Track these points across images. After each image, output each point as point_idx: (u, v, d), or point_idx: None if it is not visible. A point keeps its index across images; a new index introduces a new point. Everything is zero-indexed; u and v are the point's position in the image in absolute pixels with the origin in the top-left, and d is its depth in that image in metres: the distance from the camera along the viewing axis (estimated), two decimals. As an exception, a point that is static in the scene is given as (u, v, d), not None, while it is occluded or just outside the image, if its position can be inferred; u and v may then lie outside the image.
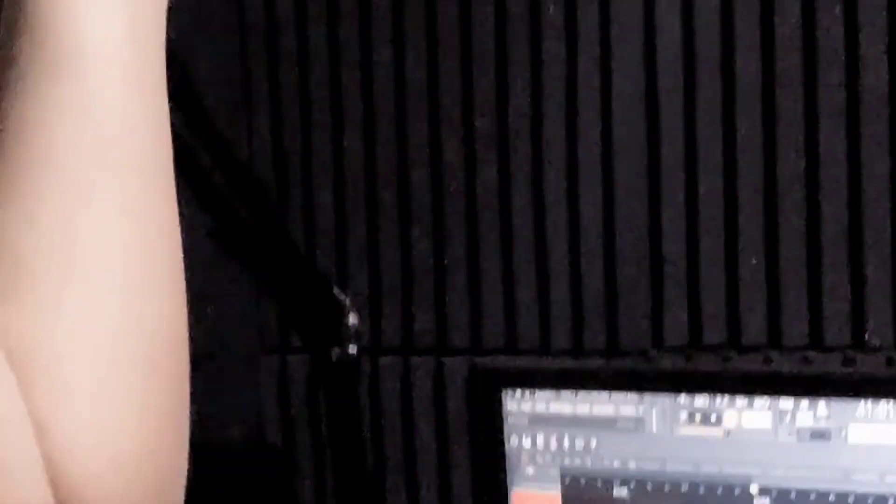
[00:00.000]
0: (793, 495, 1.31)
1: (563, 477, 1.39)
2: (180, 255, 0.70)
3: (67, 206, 0.68)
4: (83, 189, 0.69)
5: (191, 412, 0.66)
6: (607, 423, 1.35)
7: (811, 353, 1.41)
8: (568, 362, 1.52)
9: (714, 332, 1.49)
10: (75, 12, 0.70)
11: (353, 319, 1.50)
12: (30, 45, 0.70)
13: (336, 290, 1.50)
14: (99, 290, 0.67)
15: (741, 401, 1.32)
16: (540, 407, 1.38)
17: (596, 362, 1.50)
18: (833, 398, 1.27)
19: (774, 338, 1.46)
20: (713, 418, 1.32)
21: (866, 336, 1.44)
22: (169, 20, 0.73)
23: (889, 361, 1.33)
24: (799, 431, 1.28)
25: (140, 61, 0.72)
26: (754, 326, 1.49)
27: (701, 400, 1.33)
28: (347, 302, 1.50)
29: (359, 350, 1.50)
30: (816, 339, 1.46)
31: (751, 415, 1.31)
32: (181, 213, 0.70)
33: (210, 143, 1.36)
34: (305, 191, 1.68)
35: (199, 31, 1.63)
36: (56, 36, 0.70)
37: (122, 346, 0.66)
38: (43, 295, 0.65)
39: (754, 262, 1.48)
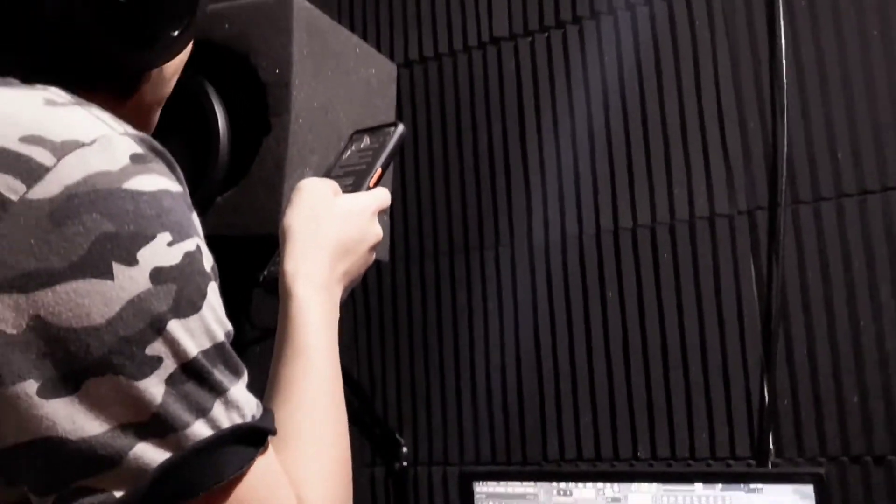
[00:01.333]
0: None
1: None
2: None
3: (305, 419, 0.78)
4: (324, 399, 0.79)
5: None
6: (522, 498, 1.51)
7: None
8: (503, 468, 1.71)
9: (588, 450, 1.70)
10: (306, 328, 0.83)
11: (404, 450, 1.79)
12: (292, 349, 0.82)
13: (397, 436, 1.80)
14: (322, 448, 0.77)
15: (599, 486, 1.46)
16: (490, 490, 1.53)
17: (533, 468, 1.70)
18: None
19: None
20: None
21: (639, 451, 1.65)
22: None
23: (649, 464, 1.63)
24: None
25: (334, 347, 0.85)
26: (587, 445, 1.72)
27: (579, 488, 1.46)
28: (402, 442, 1.80)
29: (407, 464, 1.78)
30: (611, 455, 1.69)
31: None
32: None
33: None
34: (383, 394, 1.91)
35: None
36: (298, 338, 0.83)
37: (332, 479, 0.77)
38: (295, 454, 0.75)
39: (586, 418, 1.72)
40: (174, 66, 0.83)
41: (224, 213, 1.25)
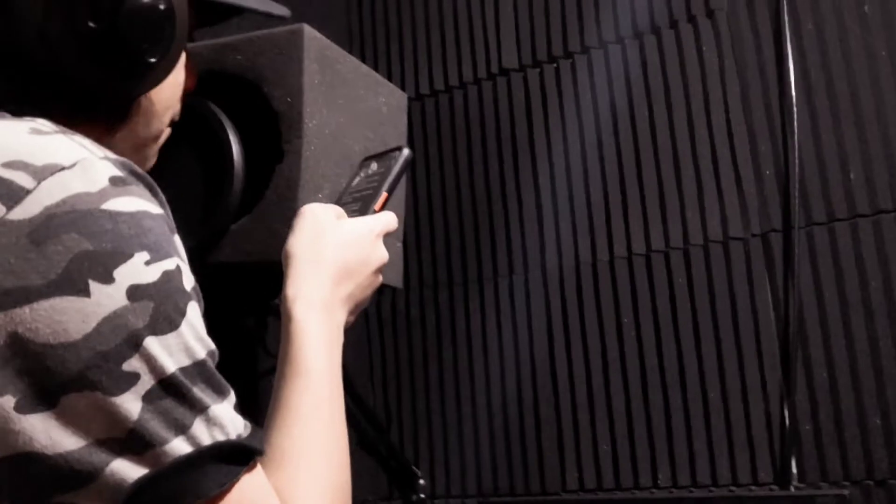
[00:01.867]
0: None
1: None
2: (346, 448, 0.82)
3: (300, 439, 0.78)
4: (321, 419, 0.80)
5: None
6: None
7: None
8: (522, 499, 1.77)
9: (608, 479, 1.73)
10: (305, 349, 0.83)
11: (422, 482, 1.71)
12: (290, 370, 0.83)
13: (414, 468, 1.72)
14: (318, 469, 0.77)
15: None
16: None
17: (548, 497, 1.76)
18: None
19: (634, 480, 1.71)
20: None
21: (659, 479, 1.69)
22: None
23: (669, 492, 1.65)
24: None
25: (336, 369, 0.85)
26: (607, 475, 1.73)
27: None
28: (419, 474, 1.72)
29: (425, 496, 1.71)
30: (635, 483, 1.71)
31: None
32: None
33: (353, 396, 1.56)
34: (399, 424, 1.95)
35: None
36: (297, 359, 0.83)
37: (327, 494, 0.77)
38: (290, 474, 0.76)
39: (605, 447, 1.74)
40: (165, 101, 0.84)
41: (238, 240, 1.26)
